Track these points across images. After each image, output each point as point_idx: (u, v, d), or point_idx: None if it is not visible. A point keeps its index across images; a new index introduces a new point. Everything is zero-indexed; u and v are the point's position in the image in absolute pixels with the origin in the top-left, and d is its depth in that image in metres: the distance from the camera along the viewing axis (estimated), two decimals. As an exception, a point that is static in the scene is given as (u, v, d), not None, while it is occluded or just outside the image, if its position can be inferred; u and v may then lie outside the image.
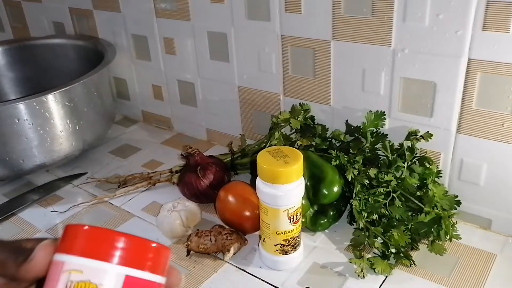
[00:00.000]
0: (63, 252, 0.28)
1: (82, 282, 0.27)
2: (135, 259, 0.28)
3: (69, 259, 0.27)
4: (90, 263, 0.27)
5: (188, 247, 0.63)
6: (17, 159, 0.76)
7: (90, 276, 0.27)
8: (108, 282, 0.27)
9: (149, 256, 0.28)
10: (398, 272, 0.59)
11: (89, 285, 0.27)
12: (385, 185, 0.62)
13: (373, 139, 0.66)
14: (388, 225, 0.60)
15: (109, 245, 0.27)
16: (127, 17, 0.92)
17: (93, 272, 0.27)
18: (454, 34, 0.57)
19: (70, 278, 0.27)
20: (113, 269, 0.27)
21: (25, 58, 1.02)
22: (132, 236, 0.28)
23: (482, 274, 0.58)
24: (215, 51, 0.83)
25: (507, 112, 0.58)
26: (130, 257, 0.27)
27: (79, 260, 0.27)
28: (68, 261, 0.27)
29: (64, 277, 0.27)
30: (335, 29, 0.67)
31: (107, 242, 0.27)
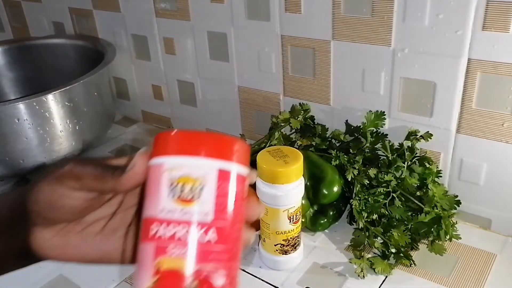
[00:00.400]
0: (159, 155, 0.30)
1: (183, 177, 0.29)
2: (224, 153, 0.30)
3: (167, 160, 0.30)
4: (187, 160, 0.30)
5: None
6: (17, 159, 0.76)
7: (190, 171, 0.29)
8: (205, 174, 0.29)
9: (235, 150, 0.31)
10: (398, 272, 0.59)
11: (190, 179, 0.29)
12: (385, 185, 0.62)
13: (373, 139, 0.66)
14: (388, 225, 0.60)
15: (200, 142, 0.30)
16: (127, 17, 0.92)
17: (191, 167, 0.29)
18: (454, 34, 0.57)
19: (171, 176, 0.29)
20: (208, 163, 0.30)
21: (25, 58, 1.01)
22: (218, 134, 0.31)
23: (482, 274, 0.58)
24: (215, 51, 0.83)
25: (507, 112, 0.58)
26: (220, 151, 0.30)
27: (177, 159, 0.30)
28: (166, 162, 0.30)
29: (166, 176, 0.30)
30: (335, 29, 0.67)
31: (198, 140, 0.30)
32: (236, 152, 0.31)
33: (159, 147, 0.31)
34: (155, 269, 0.28)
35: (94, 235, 0.36)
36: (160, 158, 0.30)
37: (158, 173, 0.30)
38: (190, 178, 0.29)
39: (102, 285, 0.60)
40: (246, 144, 0.32)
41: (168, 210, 0.29)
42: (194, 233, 0.29)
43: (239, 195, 0.31)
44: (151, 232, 0.29)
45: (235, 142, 0.31)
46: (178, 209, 0.29)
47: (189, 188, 0.29)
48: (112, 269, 0.63)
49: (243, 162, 0.31)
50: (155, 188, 0.30)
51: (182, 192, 0.29)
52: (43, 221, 0.35)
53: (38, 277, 0.62)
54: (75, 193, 0.33)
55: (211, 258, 0.29)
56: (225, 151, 0.30)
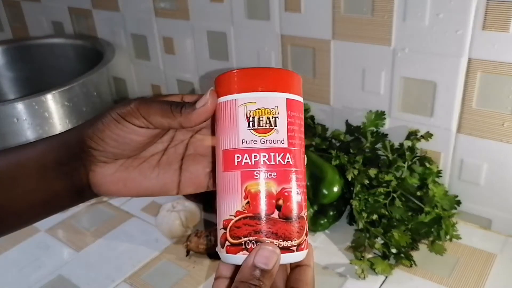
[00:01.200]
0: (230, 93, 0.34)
1: (258, 110, 0.33)
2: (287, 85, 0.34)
3: (240, 96, 0.33)
4: (259, 94, 0.33)
5: (187, 247, 0.62)
6: (16, 159, 0.76)
7: (263, 103, 0.33)
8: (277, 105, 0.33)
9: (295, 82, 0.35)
10: (398, 272, 0.59)
11: (264, 110, 0.33)
12: (385, 185, 0.62)
13: (373, 139, 0.66)
14: (388, 225, 0.60)
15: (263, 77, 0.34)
16: (126, 16, 0.92)
17: (264, 100, 0.33)
18: (454, 34, 0.57)
19: (247, 109, 0.33)
20: (277, 95, 0.34)
21: (24, 57, 1.01)
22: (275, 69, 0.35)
23: (482, 274, 0.58)
24: (214, 51, 0.83)
25: (507, 112, 0.58)
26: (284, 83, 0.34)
27: (249, 95, 0.33)
28: (240, 97, 0.33)
29: (242, 109, 0.33)
30: (335, 29, 0.66)
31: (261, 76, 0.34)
32: (295, 83, 0.35)
33: (226, 86, 0.34)
34: (245, 193, 0.33)
35: (151, 169, 0.39)
36: (232, 96, 0.34)
37: (233, 108, 0.34)
38: (264, 110, 0.33)
39: (102, 285, 0.60)
40: (299, 76, 0.36)
41: (249, 140, 0.33)
42: (276, 158, 0.33)
43: (302, 121, 0.35)
44: (235, 161, 0.33)
45: (293, 74, 0.35)
46: (258, 139, 0.33)
47: (265, 120, 0.33)
48: (112, 269, 0.63)
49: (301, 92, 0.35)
50: (231, 122, 0.34)
51: (260, 123, 0.33)
52: (105, 158, 0.37)
53: (38, 277, 0.62)
54: (142, 129, 0.36)
55: (290, 178, 0.33)
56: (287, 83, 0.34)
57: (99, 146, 0.36)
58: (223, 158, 0.34)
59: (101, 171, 0.37)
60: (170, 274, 0.61)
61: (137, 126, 0.36)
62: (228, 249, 0.33)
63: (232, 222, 0.33)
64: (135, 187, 0.38)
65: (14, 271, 0.64)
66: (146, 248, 0.66)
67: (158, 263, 0.63)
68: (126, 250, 0.66)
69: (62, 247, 0.68)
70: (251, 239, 0.32)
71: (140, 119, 0.35)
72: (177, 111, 0.35)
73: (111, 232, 0.70)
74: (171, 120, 0.35)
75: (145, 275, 0.61)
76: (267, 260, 0.32)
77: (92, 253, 0.66)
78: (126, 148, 0.37)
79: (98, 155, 0.37)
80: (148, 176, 0.38)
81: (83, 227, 0.71)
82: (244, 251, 0.32)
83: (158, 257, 0.64)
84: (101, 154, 0.37)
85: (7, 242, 0.69)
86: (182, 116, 0.35)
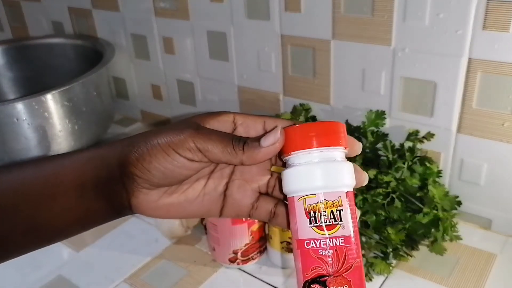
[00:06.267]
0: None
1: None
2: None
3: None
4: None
5: None
6: (16, 158, 0.76)
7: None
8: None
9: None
10: (398, 272, 0.59)
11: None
12: (385, 186, 0.62)
13: (373, 139, 0.66)
14: (383, 224, 0.60)
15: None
16: (126, 16, 0.92)
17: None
18: (454, 34, 0.57)
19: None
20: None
21: (24, 57, 1.01)
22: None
23: (482, 274, 0.58)
24: (214, 51, 0.82)
25: (507, 112, 0.58)
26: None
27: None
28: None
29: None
30: (335, 29, 0.66)
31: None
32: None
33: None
34: None
35: (196, 194, 0.36)
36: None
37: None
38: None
39: (101, 285, 0.60)
40: None
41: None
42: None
43: None
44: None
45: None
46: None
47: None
48: (112, 269, 0.63)
49: None
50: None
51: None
52: (149, 185, 0.34)
53: (37, 277, 0.62)
54: (194, 164, 0.33)
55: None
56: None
57: (143, 175, 0.34)
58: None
59: (144, 198, 0.35)
60: (170, 274, 0.61)
61: (190, 160, 0.33)
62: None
63: None
64: (179, 212, 0.36)
65: (14, 271, 0.64)
66: (146, 248, 0.66)
67: (158, 263, 0.63)
68: (126, 250, 0.66)
69: (62, 247, 0.68)
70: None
71: (195, 153, 0.32)
72: (240, 148, 0.32)
73: (111, 232, 0.70)
74: (232, 157, 0.32)
75: (145, 275, 0.61)
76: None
77: (92, 253, 0.66)
78: (174, 180, 0.34)
79: (142, 183, 0.34)
80: (193, 202, 0.36)
81: (83, 227, 0.71)
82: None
83: (158, 257, 0.64)
84: (145, 182, 0.34)
85: (7, 242, 0.69)
86: (245, 154, 0.32)
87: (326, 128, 0.33)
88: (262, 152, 0.32)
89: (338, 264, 0.31)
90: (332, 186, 0.32)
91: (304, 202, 0.32)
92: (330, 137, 0.33)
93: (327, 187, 0.32)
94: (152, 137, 0.34)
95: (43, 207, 0.34)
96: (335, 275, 0.31)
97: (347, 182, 0.33)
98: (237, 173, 0.37)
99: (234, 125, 0.35)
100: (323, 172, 0.32)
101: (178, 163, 0.33)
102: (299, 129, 0.33)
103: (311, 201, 0.32)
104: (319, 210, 0.32)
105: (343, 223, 0.32)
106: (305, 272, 0.32)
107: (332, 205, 0.32)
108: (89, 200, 0.35)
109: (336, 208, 0.32)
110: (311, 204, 0.32)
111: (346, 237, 0.32)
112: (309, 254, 0.32)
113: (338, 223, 0.32)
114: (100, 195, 0.35)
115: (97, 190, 0.35)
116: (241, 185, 0.37)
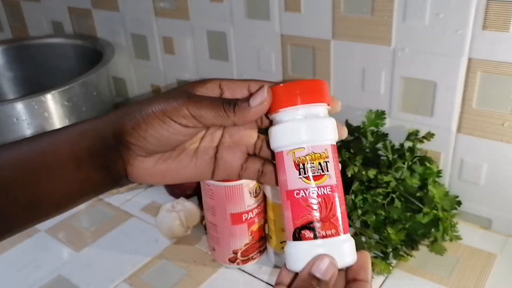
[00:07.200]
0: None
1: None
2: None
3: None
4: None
5: None
6: (16, 159, 0.76)
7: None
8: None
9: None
10: (398, 272, 0.59)
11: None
12: (384, 186, 0.62)
13: (373, 139, 0.66)
14: (383, 224, 0.60)
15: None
16: (126, 16, 0.92)
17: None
18: (454, 34, 0.57)
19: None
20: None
21: (24, 57, 1.01)
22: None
23: (482, 274, 0.58)
24: (214, 51, 0.82)
25: (507, 112, 0.58)
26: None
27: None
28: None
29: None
30: (335, 29, 0.66)
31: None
32: None
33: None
34: None
35: (190, 159, 0.38)
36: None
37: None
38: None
39: (101, 285, 0.60)
40: None
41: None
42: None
43: None
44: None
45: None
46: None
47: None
48: (112, 269, 0.63)
49: None
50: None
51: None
52: (145, 153, 0.36)
53: (37, 277, 0.62)
54: (189, 129, 0.35)
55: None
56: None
57: (139, 143, 0.35)
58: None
59: (140, 165, 0.37)
60: (170, 274, 0.61)
61: (184, 126, 0.34)
62: None
63: None
64: (173, 177, 0.38)
65: (13, 271, 0.64)
66: (146, 248, 0.66)
67: (158, 263, 0.63)
68: (126, 250, 0.66)
69: (61, 247, 0.68)
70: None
71: (189, 119, 0.34)
72: (231, 110, 0.34)
73: (111, 232, 0.70)
74: (224, 119, 0.34)
75: (145, 275, 0.61)
76: (325, 271, 0.32)
77: (92, 253, 0.66)
78: (169, 147, 0.36)
79: (138, 150, 0.36)
80: (186, 166, 0.38)
81: (83, 227, 0.71)
82: None
83: (158, 257, 0.64)
84: (141, 150, 0.36)
85: (7, 242, 0.69)
86: (236, 115, 0.34)
87: (310, 86, 0.35)
88: (251, 112, 0.34)
89: (326, 211, 0.34)
90: (319, 139, 0.34)
91: (293, 155, 0.34)
92: (314, 94, 0.34)
93: (314, 141, 0.34)
94: (146, 106, 0.35)
95: (41, 180, 0.35)
96: (323, 221, 0.34)
97: (332, 136, 0.35)
98: (226, 136, 0.39)
99: (221, 90, 0.36)
100: (310, 127, 0.34)
101: (174, 130, 0.34)
102: (284, 87, 0.34)
103: (299, 154, 0.34)
104: (307, 162, 0.34)
105: (330, 174, 0.34)
106: (295, 219, 0.34)
107: (320, 157, 0.34)
108: (86, 171, 0.36)
109: (323, 160, 0.34)
110: (299, 157, 0.34)
111: (332, 186, 0.34)
112: (299, 203, 0.34)
113: (325, 173, 0.34)
114: (96, 165, 0.36)
115: (93, 161, 0.36)
116: (230, 147, 0.39)
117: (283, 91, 0.34)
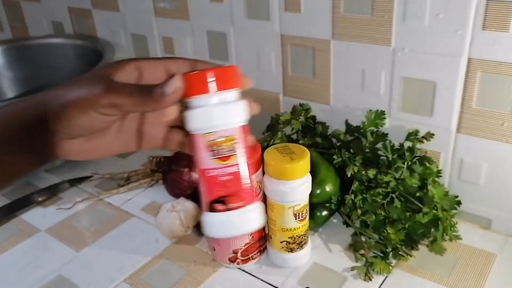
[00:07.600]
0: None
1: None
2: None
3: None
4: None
5: None
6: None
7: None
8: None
9: None
10: (398, 272, 0.59)
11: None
12: (384, 186, 0.62)
13: (373, 139, 0.66)
14: (382, 224, 0.60)
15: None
16: (126, 16, 0.92)
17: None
18: (454, 34, 0.57)
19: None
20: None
21: (24, 57, 1.01)
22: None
23: (482, 274, 0.58)
24: (214, 51, 0.83)
25: (507, 112, 0.58)
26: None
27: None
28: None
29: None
30: (335, 29, 0.66)
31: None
32: None
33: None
34: None
35: (114, 136, 0.41)
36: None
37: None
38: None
39: (101, 285, 0.60)
40: None
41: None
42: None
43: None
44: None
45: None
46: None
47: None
48: (112, 269, 0.63)
49: None
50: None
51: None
52: (71, 136, 0.38)
53: (37, 277, 0.62)
54: (110, 117, 0.37)
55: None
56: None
57: (64, 129, 0.37)
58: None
59: (67, 146, 0.39)
60: (170, 274, 0.61)
61: (106, 115, 0.36)
62: None
63: None
64: (100, 153, 0.41)
65: (14, 271, 0.64)
66: (146, 248, 0.66)
67: (158, 263, 0.63)
68: (126, 250, 0.66)
69: (62, 247, 0.68)
70: None
71: (110, 109, 0.36)
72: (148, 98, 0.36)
73: (111, 232, 0.70)
74: (143, 107, 0.37)
75: (145, 275, 0.61)
76: None
77: (92, 253, 0.66)
78: (92, 131, 0.38)
79: (62, 135, 0.37)
80: (112, 142, 0.41)
81: (83, 227, 0.71)
82: None
83: (158, 257, 0.64)
84: (65, 134, 0.37)
85: (7, 242, 0.69)
86: (154, 102, 0.36)
87: (221, 73, 0.38)
88: (166, 99, 0.36)
89: (234, 187, 0.39)
90: (228, 124, 0.38)
91: (205, 139, 0.38)
92: (225, 81, 0.38)
93: (223, 125, 0.38)
94: (67, 93, 0.37)
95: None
96: (232, 195, 0.39)
97: (241, 119, 0.39)
98: (148, 113, 0.41)
99: (139, 71, 0.39)
100: (220, 113, 0.38)
101: (95, 119, 0.36)
102: (197, 75, 0.38)
103: (210, 137, 0.38)
104: (217, 144, 0.38)
105: (238, 153, 0.39)
106: (208, 194, 0.39)
107: (229, 140, 0.38)
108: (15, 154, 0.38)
109: (232, 142, 0.38)
110: (210, 140, 0.38)
111: (240, 164, 0.39)
112: (211, 180, 0.39)
113: (233, 154, 0.39)
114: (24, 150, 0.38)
115: (20, 147, 0.38)
116: (152, 121, 0.42)
117: (195, 78, 0.37)
